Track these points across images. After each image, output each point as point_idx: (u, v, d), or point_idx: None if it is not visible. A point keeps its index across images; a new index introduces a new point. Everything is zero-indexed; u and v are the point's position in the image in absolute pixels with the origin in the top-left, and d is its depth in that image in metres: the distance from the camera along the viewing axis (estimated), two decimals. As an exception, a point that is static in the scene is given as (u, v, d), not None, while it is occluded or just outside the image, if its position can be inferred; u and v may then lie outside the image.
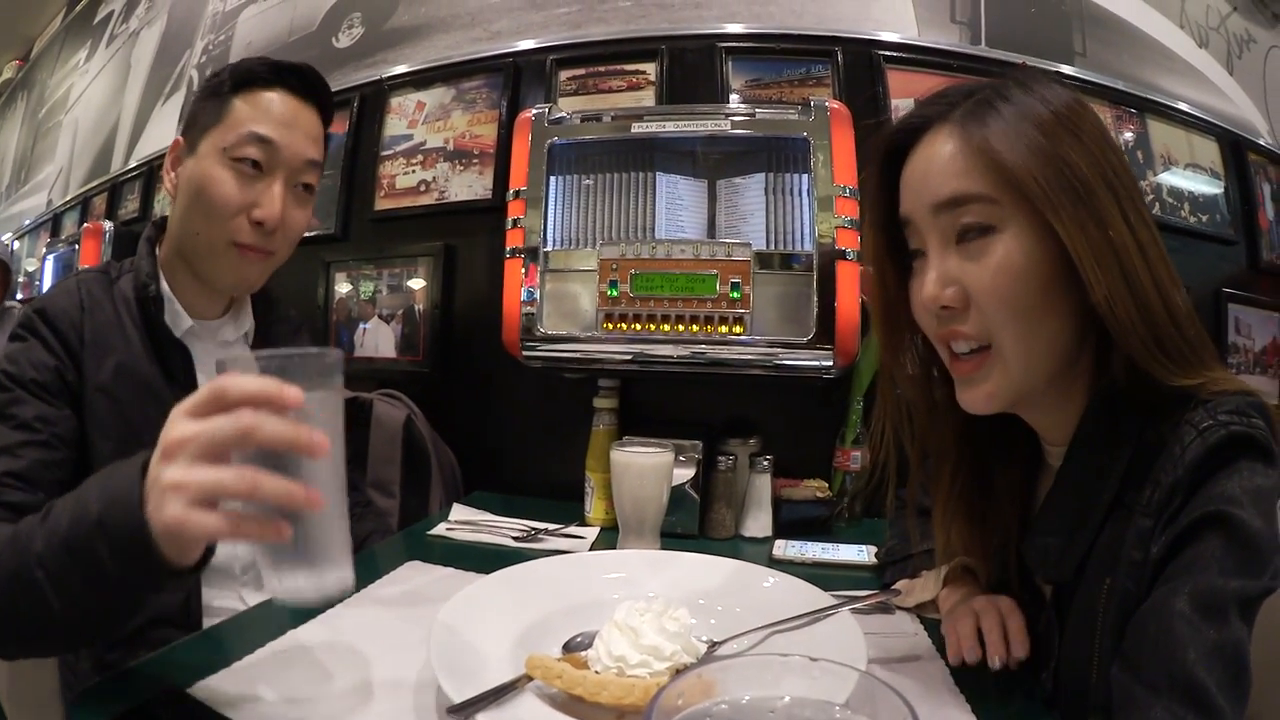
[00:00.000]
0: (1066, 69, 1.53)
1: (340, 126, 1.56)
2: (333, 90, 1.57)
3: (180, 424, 0.47)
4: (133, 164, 2.18)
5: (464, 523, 1.11)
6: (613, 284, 1.12)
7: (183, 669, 0.58)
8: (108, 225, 2.07)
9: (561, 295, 1.15)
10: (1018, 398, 0.62)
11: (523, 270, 1.15)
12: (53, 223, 2.72)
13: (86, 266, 1.91)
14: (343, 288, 1.50)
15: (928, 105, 0.63)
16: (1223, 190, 1.72)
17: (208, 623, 0.85)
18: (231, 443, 0.46)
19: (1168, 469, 0.54)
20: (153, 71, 2.23)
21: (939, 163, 0.60)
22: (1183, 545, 0.52)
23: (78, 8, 2.80)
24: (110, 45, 2.53)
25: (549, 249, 1.16)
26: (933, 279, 0.60)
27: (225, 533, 0.47)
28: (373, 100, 1.54)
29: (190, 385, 0.87)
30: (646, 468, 0.98)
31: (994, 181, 0.57)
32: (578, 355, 1.15)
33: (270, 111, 0.86)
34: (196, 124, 0.87)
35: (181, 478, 0.46)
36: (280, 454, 0.46)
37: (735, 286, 1.09)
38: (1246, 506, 0.51)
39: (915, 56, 1.39)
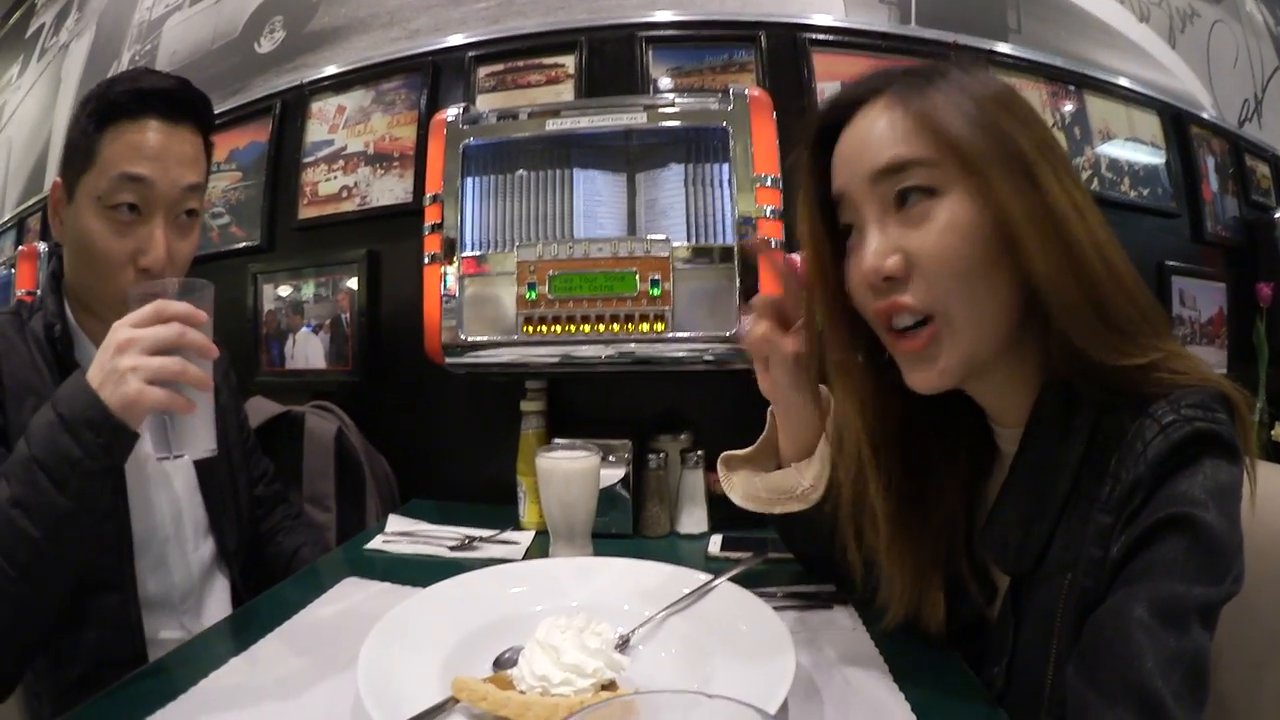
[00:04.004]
0: (1001, 46, 1.51)
1: (262, 134, 1.52)
2: (256, 97, 1.57)
3: (125, 330, 0.64)
4: (65, 181, 2.12)
5: (400, 534, 1.09)
6: (531, 286, 1.09)
7: (135, 703, 0.59)
8: (42, 247, 2.00)
9: (482, 300, 1.13)
10: (969, 371, 0.59)
11: (441, 276, 1.12)
12: (-10, 245, 2.64)
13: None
14: (271, 300, 1.46)
15: (861, 83, 0.62)
16: (1164, 163, 1.71)
17: (153, 655, 0.84)
18: (169, 345, 0.64)
19: (1129, 465, 0.51)
20: (82, 85, 2.16)
21: (876, 132, 0.58)
22: (1143, 546, 0.50)
23: (10, 22, 2.73)
24: (42, 59, 2.46)
25: (467, 253, 1.13)
26: (873, 249, 0.57)
27: (164, 403, 0.63)
28: (294, 106, 1.50)
29: None
30: (572, 472, 0.96)
31: (935, 145, 0.56)
32: (501, 360, 1.12)
33: (140, 147, 0.80)
34: (71, 165, 0.82)
35: (137, 363, 0.63)
36: (187, 353, 0.65)
37: (655, 283, 1.07)
38: (1211, 507, 0.49)
39: (842, 39, 1.36)
